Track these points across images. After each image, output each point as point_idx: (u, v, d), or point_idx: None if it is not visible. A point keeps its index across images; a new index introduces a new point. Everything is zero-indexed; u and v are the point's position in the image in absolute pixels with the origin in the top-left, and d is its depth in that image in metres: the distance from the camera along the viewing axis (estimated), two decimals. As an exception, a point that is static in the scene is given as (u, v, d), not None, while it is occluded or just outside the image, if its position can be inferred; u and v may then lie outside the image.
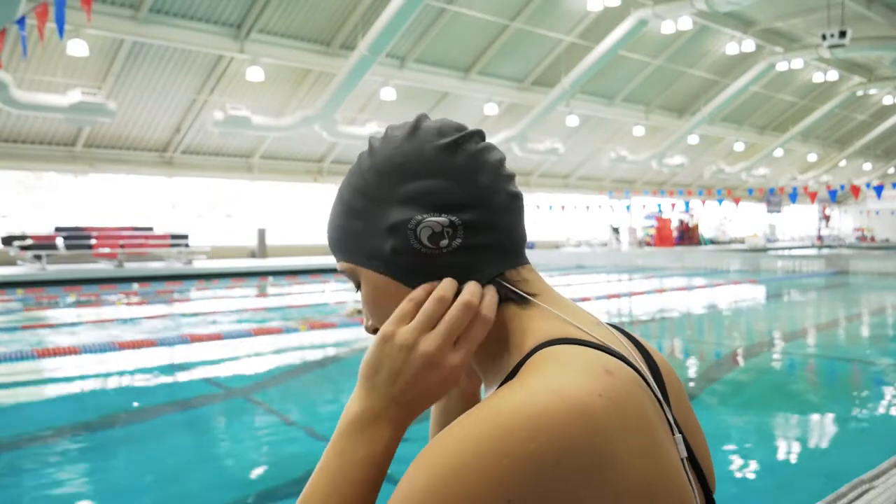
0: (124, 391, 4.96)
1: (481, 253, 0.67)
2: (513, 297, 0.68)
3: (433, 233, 0.65)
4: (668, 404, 0.65)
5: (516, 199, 0.70)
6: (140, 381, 5.20)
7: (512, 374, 0.61)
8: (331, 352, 6.30)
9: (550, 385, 0.55)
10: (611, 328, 0.70)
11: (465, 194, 0.66)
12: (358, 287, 0.72)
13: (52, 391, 5.08)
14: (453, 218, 0.65)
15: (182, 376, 5.45)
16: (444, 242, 0.65)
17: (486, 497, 0.51)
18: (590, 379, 0.56)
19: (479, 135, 0.70)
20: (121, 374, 5.40)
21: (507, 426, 0.52)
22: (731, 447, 3.55)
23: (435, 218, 0.65)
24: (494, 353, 0.68)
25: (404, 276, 0.67)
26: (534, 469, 0.51)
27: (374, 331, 0.72)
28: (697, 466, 0.66)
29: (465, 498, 0.51)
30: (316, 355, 6.26)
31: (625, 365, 0.60)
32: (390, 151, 0.68)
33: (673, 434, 0.61)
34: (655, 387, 0.62)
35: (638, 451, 0.55)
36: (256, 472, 3.31)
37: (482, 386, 0.77)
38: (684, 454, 0.61)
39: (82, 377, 5.35)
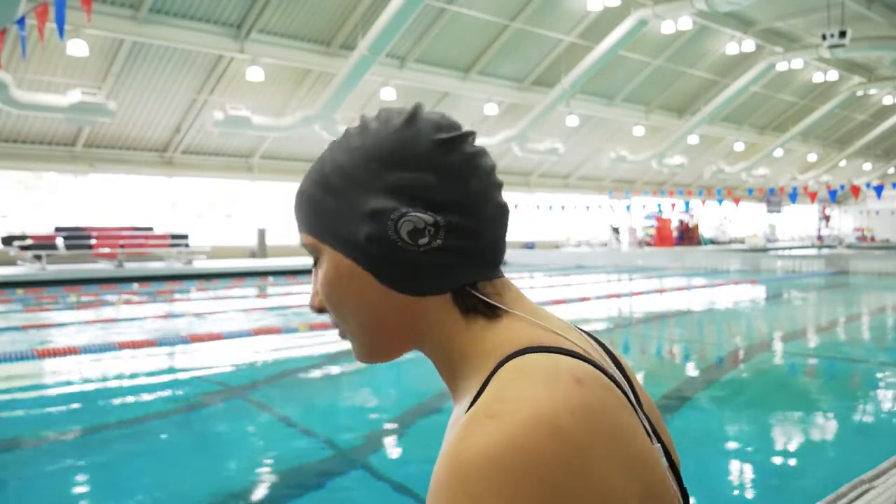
0: (124, 391, 4.96)
1: (458, 258, 0.64)
2: (481, 310, 0.64)
3: (414, 228, 0.62)
4: (642, 408, 0.63)
5: (503, 210, 0.68)
6: (140, 381, 5.20)
7: (481, 391, 0.59)
8: (331, 351, 6.30)
9: (518, 407, 0.52)
10: (582, 332, 0.68)
11: (454, 195, 0.63)
12: (316, 262, 0.69)
13: (52, 391, 5.08)
14: (438, 217, 0.63)
15: (182, 376, 5.44)
16: (424, 240, 0.62)
17: None
18: (560, 394, 0.53)
19: (474, 136, 0.68)
20: (121, 373, 5.40)
21: (473, 474, 0.50)
22: (731, 447, 3.55)
23: (419, 214, 0.62)
24: (459, 369, 0.65)
25: (372, 266, 0.64)
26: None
27: (320, 310, 0.70)
28: (675, 470, 0.64)
29: None
30: (316, 355, 6.26)
31: (597, 371, 0.58)
32: (383, 136, 0.65)
33: (652, 442, 0.59)
34: (630, 392, 0.61)
35: (617, 463, 0.53)
36: (256, 472, 3.30)
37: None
38: (665, 465, 0.59)
39: (82, 377, 5.35)
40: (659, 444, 0.60)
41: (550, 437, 0.51)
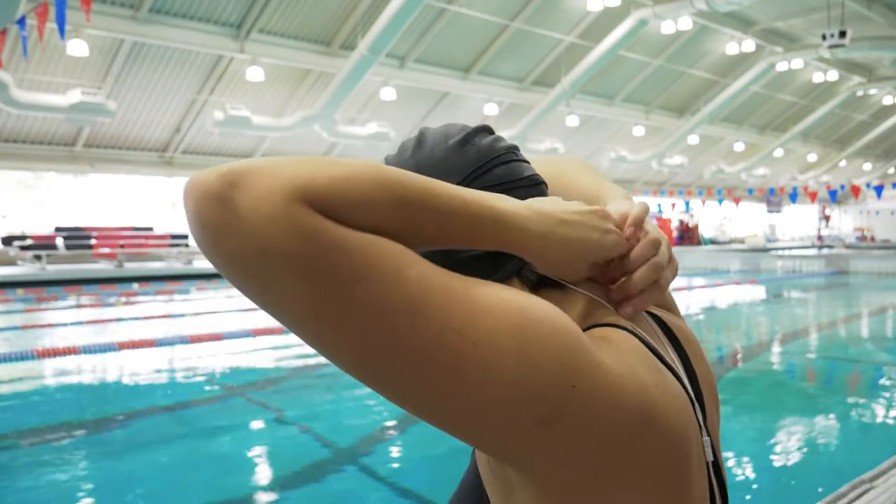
0: (124, 391, 4.96)
1: None
2: (549, 283, 0.66)
3: None
4: (703, 408, 0.65)
5: (536, 182, 0.68)
6: (140, 381, 5.20)
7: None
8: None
9: (617, 360, 0.56)
10: (648, 318, 0.69)
11: (482, 189, 0.63)
12: None
13: (52, 391, 5.08)
14: None
15: (181, 376, 5.44)
16: None
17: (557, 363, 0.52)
18: (648, 371, 0.57)
19: (485, 129, 0.69)
20: (121, 374, 5.40)
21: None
22: (731, 447, 3.55)
23: None
24: None
25: None
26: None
27: None
28: (719, 472, 0.66)
29: (554, 351, 0.51)
30: (315, 355, 6.26)
31: (666, 369, 0.60)
32: (401, 163, 0.67)
33: (702, 436, 0.61)
34: (691, 390, 0.63)
35: (662, 455, 0.56)
36: (255, 472, 3.30)
37: None
38: (710, 458, 0.62)
39: (82, 377, 5.35)
40: (707, 438, 0.62)
41: (638, 390, 0.55)
